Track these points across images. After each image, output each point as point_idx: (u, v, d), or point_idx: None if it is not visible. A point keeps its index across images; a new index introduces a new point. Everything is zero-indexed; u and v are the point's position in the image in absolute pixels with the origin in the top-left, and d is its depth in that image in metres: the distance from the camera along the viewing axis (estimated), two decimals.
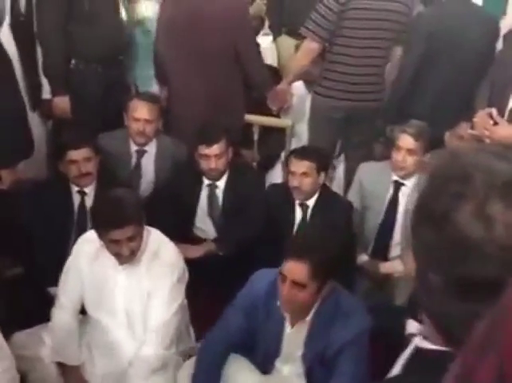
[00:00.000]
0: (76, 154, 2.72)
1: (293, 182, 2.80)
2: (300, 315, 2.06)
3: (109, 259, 2.22)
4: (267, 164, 3.73)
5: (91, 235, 2.28)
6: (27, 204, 2.73)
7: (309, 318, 2.05)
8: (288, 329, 2.09)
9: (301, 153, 2.83)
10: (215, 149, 2.85)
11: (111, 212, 2.13)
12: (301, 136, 3.65)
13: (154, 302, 2.24)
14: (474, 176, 0.61)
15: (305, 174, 2.78)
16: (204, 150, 2.86)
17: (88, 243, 2.29)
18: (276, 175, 3.67)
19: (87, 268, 2.29)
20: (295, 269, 1.93)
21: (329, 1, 3.03)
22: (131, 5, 3.36)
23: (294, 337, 2.08)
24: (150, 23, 3.38)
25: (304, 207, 2.86)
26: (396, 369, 0.75)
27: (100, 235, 2.16)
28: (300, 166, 2.78)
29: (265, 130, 3.71)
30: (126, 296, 2.27)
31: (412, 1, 3.22)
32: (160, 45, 3.23)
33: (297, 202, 2.87)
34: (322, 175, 2.85)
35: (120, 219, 2.10)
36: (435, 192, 0.66)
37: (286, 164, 2.92)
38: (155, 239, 2.30)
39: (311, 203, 2.86)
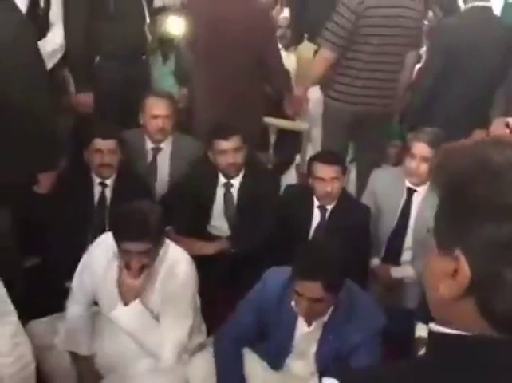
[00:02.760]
0: (102, 143, 2.80)
1: (325, 187, 2.78)
2: (317, 317, 2.08)
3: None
4: (282, 167, 3.77)
5: (107, 239, 2.27)
6: (47, 194, 2.78)
7: (326, 318, 2.08)
8: (304, 327, 2.11)
9: (328, 158, 2.82)
10: (232, 143, 2.88)
11: (130, 222, 2.11)
12: (317, 140, 3.68)
13: (166, 320, 2.23)
14: None
15: (335, 178, 2.79)
16: (221, 145, 2.88)
17: (104, 247, 2.29)
18: (290, 178, 3.71)
19: (101, 271, 2.29)
20: (309, 288, 1.94)
21: (344, 10, 3.08)
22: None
23: (310, 335, 2.11)
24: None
25: (322, 209, 2.88)
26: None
27: (115, 240, 2.16)
28: (329, 171, 2.77)
29: (282, 133, 3.75)
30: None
31: (423, 7, 3.27)
32: (184, 47, 3.29)
33: (315, 204, 2.89)
34: (344, 178, 2.88)
35: (136, 232, 2.08)
36: (503, 187, 0.67)
37: (308, 169, 2.92)
38: (172, 254, 2.28)
39: (330, 206, 2.88)
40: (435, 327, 0.73)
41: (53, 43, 3.00)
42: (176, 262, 2.26)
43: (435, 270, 0.74)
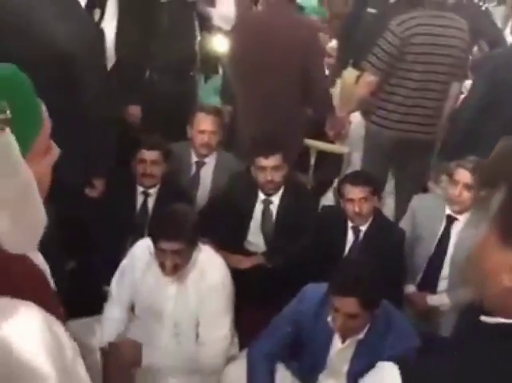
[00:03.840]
0: (147, 154, 2.90)
1: (354, 208, 2.79)
2: (353, 333, 2.09)
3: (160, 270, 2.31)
4: (320, 190, 3.78)
5: (146, 242, 2.38)
6: (93, 198, 2.86)
7: (361, 336, 2.08)
8: (338, 344, 2.12)
9: (356, 179, 2.85)
10: (272, 161, 2.93)
11: (167, 222, 2.25)
12: (356, 164, 3.70)
13: (203, 321, 2.32)
14: None
15: (363, 199, 2.80)
16: (261, 162, 2.94)
17: (144, 250, 2.38)
18: (327, 201, 3.71)
19: (141, 274, 2.38)
20: (346, 304, 1.97)
21: (390, 36, 3.13)
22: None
23: (343, 352, 2.11)
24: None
25: (356, 230, 2.88)
26: None
27: (152, 240, 2.27)
28: (358, 192, 2.79)
29: (322, 156, 3.78)
30: (175, 307, 2.35)
31: (470, 37, 3.29)
32: (229, 66, 3.37)
33: (349, 225, 2.90)
34: (376, 198, 2.89)
35: (172, 232, 2.20)
36: None
37: (339, 191, 2.95)
38: (205, 257, 2.36)
39: (364, 227, 2.88)
40: (491, 319, 0.74)
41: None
42: (208, 265, 2.34)
43: (496, 262, 0.75)
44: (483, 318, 0.75)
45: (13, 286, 0.78)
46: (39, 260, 0.90)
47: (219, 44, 3.70)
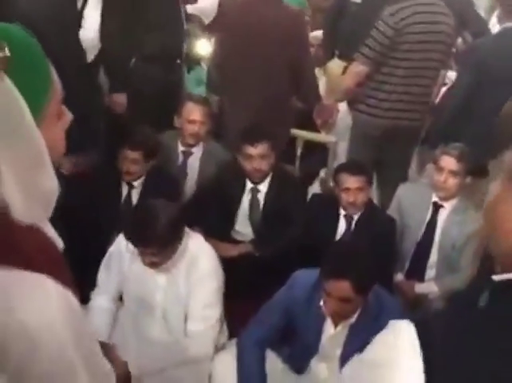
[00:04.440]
0: (129, 153, 2.86)
1: (349, 198, 2.80)
2: (345, 318, 2.08)
3: None
4: (307, 180, 3.77)
5: None
6: (76, 190, 2.81)
7: (353, 320, 2.07)
8: (331, 328, 2.11)
9: (353, 168, 2.85)
10: (259, 149, 2.92)
11: (136, 229, 2.17)
12: (342, 154, 3.69)
13: (193, 311, 2.29)
14: None
15: (359, 189, 2.80)
16: (248, 150, 2.92)
17: None
18: (314, 191, 3.70)
19: (128, 262, 2.35)
20: (338, 287, 1.96)
21: (383, 27, 3.12)
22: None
23: (336, 337, 2.10)
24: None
25: (348, 218, 2.88)
26: None
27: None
28: (354, 181, 2.79)
29: (308, 147, 3.77)
30: (164, 296, 2.32)
31: (455, 23, 3.32)
32: (216, 55, 3.34)
33: (342, 213, 2.90)
34: (370, 188, 2.89)
35: (142, 238, 2.15)
36: None
37: (334, 179, 2.94)
38: (195, 246, 2.34)
39: (356, 215, 2.88)
40: (503, 276, 0.74)
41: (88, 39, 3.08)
42: (197, 255, 2.31)
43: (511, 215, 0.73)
44: (495, 277, 0.75)
45: (26, 258, 0.75)
46: (51, 232, 0.87)
47: (202, 37, 3.67)
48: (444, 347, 0.70)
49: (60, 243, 0.88)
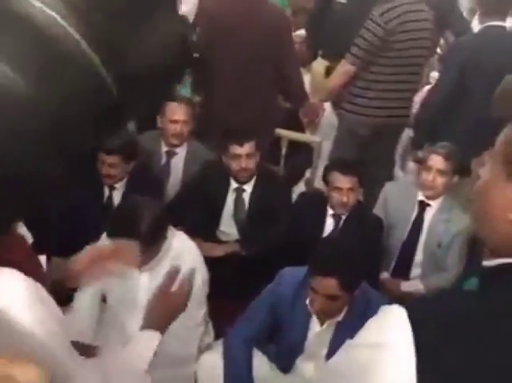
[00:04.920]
0: (106, 158, 2.81)
1: (341, 198, 2.77)
2: (332, 316, 2.07)
3: None
4: (292, 180, 3.76)
5: None
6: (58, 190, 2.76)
7: (340, 318, 2.05)
8: (317, 327, 2.09)
9: (346, 168, 2.82)
10: (246, 148, 2.89)
11: (120, 226, 2.13)
12: (326, 154, 3.68)
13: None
14: None
15: (351, 189, 2.78)
16: (235, 149, 2.89)
17: None
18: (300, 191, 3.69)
19: None
20: (325, 284, 1.95)
21: (373, 26, 3.13)
22: None
23: (322, 335, 2.08)
24: None
25: (336, 217, 2.87)
26: None
27: None
28: (346, 181, 2.77)
29: (293, 147, 3.75)
30: (148, 295, 2.27)
31: (436, 28, 3.41)
32: (201, 51, 3.30)
33: (329, 212, 2.88)
34: (360, 189, 2.88)
35: (126, 237, 2.05)
36: None
37: (324, 178, 2.92)
38: (179, 243, 2.31)
39: (344, 214, 2.87)
40: (493, 261, 0.72)
41: None
42: (180, 252, 2.27)
43: (502, 198, 0.73)
44: (485, 263, 0.74)
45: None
46: (23, 230, 0.86)
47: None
48: (433, 331, 0.68)
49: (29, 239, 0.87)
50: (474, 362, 0.66)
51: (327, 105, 3.60)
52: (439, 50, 4.50)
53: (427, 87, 3.82)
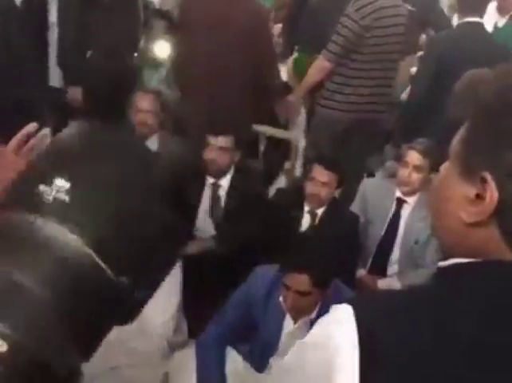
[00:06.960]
0: None
1: (313, 189, 2.75)
2: (304, 314, 2.05)
3: None
4: (270, 176, 3.73)
5: None
6: None
7: (313, 315, 2.03)
8: (290, 325, 2.07)
9: (327, 162, 2.79)
10: (221, 141, 2.85)
11: None
12: (302, 150, 3.68)
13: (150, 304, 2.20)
14: None
15: (326, 184, 2.75)
16: (210, 140, 2.86)
17: None
18: (281, 184, 3.67)
19: None
20: (297, 280, 1.93)
21: (349, 23, 3.11)
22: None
23: (296, 333, 2.05)
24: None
25: (313, 214, 2.84)
26: None
27: None
28: (323, 175, 2.74)
29: (271, 142, 3.74)
30: None
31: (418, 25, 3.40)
32: (179, 47, 3.28)
33: (306, 208, 2.86)
34: (338, 188, 2.86)
35: None
36: None
37: (305, 168, 2.91)
38: None
39: (320, 211, 2.84)
40: (447, 262, 0.70)
41: None
42: None
43: (453, 196, 0.71)
44: (440, 264, 0.72)
45: None
46: None
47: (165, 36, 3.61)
48: (379, 326, 0.66)
49: None
50: (422, 360, 0.64)
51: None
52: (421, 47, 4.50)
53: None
